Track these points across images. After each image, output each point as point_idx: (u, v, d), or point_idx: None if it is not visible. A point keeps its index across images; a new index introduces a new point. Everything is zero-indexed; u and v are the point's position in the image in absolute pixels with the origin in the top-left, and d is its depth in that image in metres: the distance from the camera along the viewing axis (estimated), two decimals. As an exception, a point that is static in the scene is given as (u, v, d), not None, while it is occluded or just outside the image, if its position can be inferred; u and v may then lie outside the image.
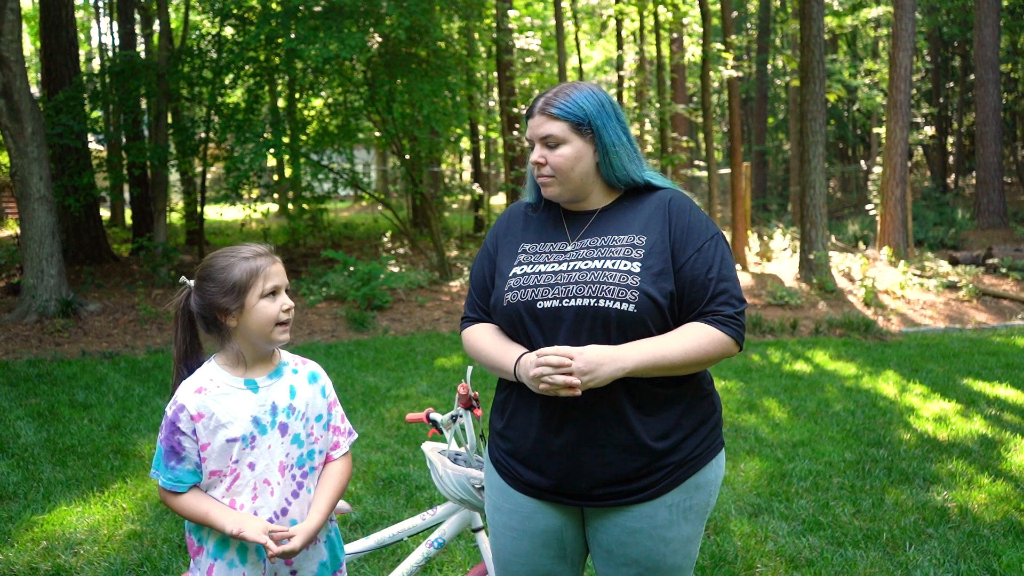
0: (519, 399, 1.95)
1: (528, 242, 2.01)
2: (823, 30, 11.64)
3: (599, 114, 1.92)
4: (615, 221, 1.96)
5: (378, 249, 14.07)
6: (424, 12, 10.80)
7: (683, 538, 1.95)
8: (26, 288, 9.07)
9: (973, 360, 7.29)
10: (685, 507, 1.93)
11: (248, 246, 1.95)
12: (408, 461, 4.78)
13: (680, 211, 1.94)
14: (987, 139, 17.50)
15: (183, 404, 1.89)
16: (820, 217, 11.60)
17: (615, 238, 1.92)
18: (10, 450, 4.97)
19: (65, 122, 10.98)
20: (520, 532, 2.00)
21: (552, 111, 1.90)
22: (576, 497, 1.93)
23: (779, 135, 31.42)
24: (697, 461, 1.93)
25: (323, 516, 1.96)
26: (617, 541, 1.94)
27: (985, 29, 17.35)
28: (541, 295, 1.89)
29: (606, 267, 1.86)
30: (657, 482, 1.90)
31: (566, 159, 1.91)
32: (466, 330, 2.08)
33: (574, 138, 1.91)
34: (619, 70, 19.49)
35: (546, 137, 1.91)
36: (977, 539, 3.69)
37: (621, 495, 1.90)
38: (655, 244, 1.89)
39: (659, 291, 1.85)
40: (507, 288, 1.95)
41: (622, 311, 1.82)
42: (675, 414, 1.91)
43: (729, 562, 3.50)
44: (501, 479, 2.03)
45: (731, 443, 5.10)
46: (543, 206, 2.07)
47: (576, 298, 1.85)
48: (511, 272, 1.97)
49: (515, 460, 1.98)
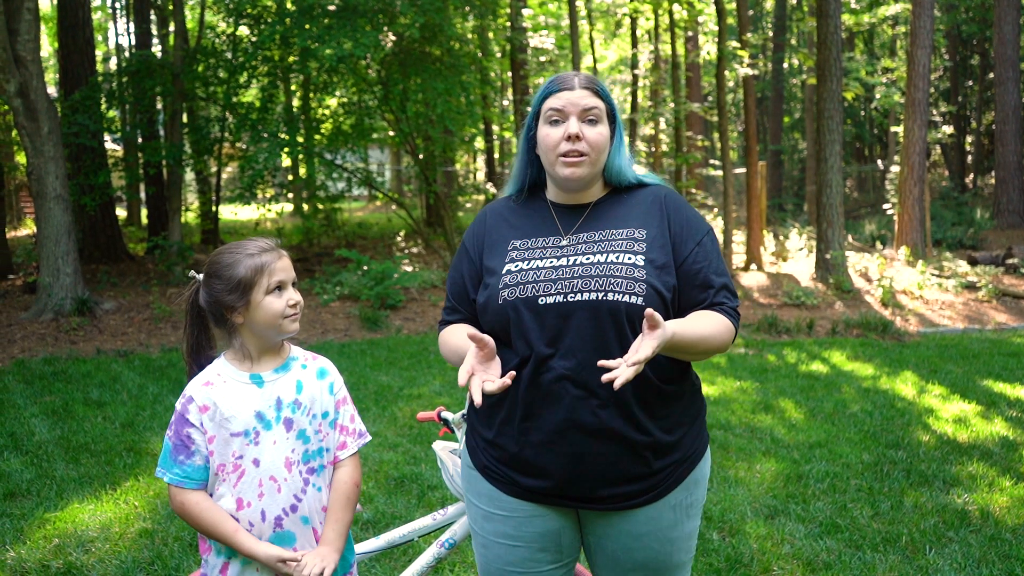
0: (512, 404, 1.86)
1: (517, 239, 1.95)
2: (840, 28, 11.54)
3: (616, 107, 1.94)
4: (610, 215, 1.94)
5: (392, 248, 14.08)
6: (438, 11, 10.79)
7: (686, 535, 1.94)
8: (42, 286, 9.12)
9: (993, 361, 7.19)
10: (687, 504, 1.92)
11: (254, 241, 1.93)
12: (420, 460, 4.75)
13: (677, 207, 1.94)
14: (1007, 138, 17.31)
15: (192, 396, 1.89)
16: (837, 216, 11.50)
17: (613, 232, 1.90)
18: (24, 447, 4.99)
19: (81, 121, 11.05)
20: (516, 539, 1.93)
21: (596, 88, 1.89)
22: (578, 499, 1.87)
23: (795, 134, 31.21)
24: (695, 456, 1.94)
25: (338, 552, 1.95)
26: (624, 547, 1.90)
27: (1005, 26, 17.15)
28: (543, 291, 1.83)
29: (610, 260, 1.83)
30: (661, 482, 1.87)
31: (604, 137, 1.89)
32: (441, 332, 2.03)
33: (606, 121, 1.90)
34: (634, 69, 19.42)
35: (590, 109, 1.87)
36: (999, 543, 3.61)
37: (626, 497, 1.85)
38: (655, 238, 1.88)
39: (663, 284, 1.83)
40: (502, 285, 1.87)
41: (631, 304, 1.79)
42: (677, 410, 1.90)
43: (745, 564, 3.45)
44: (491, 486, 1.94)
45: (747, 444, 5.04)
46: (524, 200, 2.03)
47: (583, 292, 1.80)
48: (504, 269, 1.90)
49: (510, 467, 1.90)
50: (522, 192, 2.04)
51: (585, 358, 1.78)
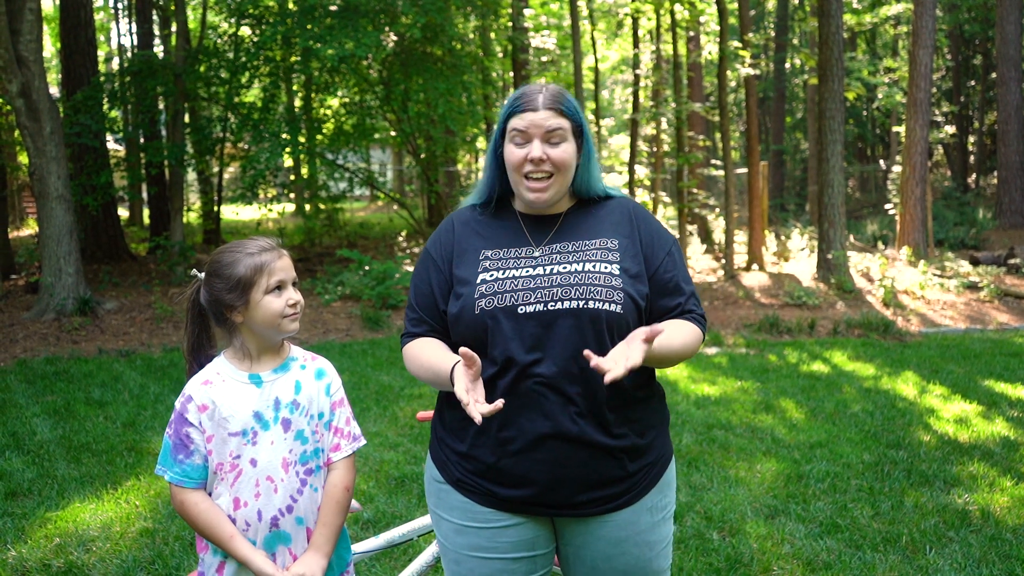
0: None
1: (488, 248, 1.93)
2: (842, 28, 11.53)
3: (583, 122, 1.94)
4: (582, 226, 1.95)
5: (393, 248, 14.09)
6: (440, 11, 10.80)
7: (664, 539, 1.95)
8: (44, 286, 9.14)
9: (995, 361, 7.18)
10: (661, 506, 1.94)
11: (254, 241, 1.94)
12: (420, 460, 4.75)
13: (644, 218, 1.99)
14: (1009, 138, 17.29)
15: (191, 395, 1.89)
16: (838, 216, 11.49)
17: (587, 242, 1.92)
18: (26, 447, 5.00)
19: (83, 122, 11.07)
20: (490, 550, 1.89)
21: (561, 108, 1.89)
22: (556, 506, 1.86)
23: (797, 134, 31.17)
24: (665, 459, 1.97)
25: (326, 558, 1.93)
26: (603, 555, 1.89)
27: (1007, 26, 17.13)
28: (522, 299, 1.82)
29: (588, 269, 1.86)
30: (637, 484, 1.89)
31: (569, 155, 1.90)
32: (407, 345, 1.97)
33: (571, 138, 1.91)
34: (635, 69, 19.41)
35: (554, 131, 1.87)
36: (999, 543, 3.61)
37: (604, 501, 1.86)
38: (627, 248, 1.92)
39: (637, 292, 1.88)
40: (478, 295, 1.85)
41: (611, 312, 1.82)
42: (646, 414, 1.93)
43: (745, 564, 3.45)
44: (464, 498, 1.90)
45: (747, 444, 5.04)
46: (492, 211, 2.02)
47: (563, 301, 1.82)
48: (478, 279, 1.87)
49: (486, 478, 1.87)
50: (490, 204, 2.02)
51: (564, 366, 1.79)
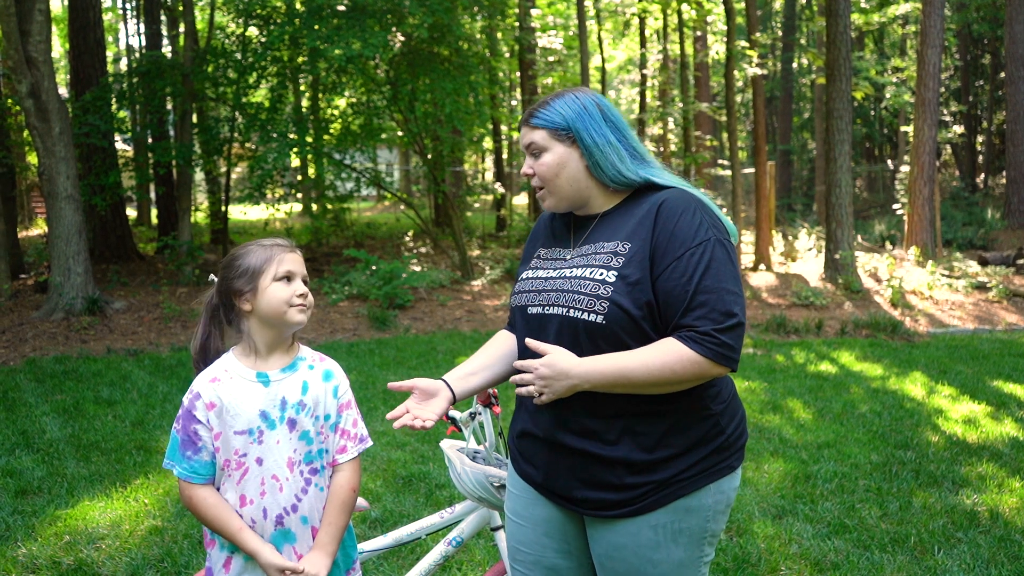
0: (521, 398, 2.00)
1: (544, 247, 2.06)
2: (850, 27, 11.49)
3: (579, 117, 1.89)
4: (609, 227, 1.92)
5: (400, 248, 14.10)
6: (447, 11, 10.81)
7: (674, 562, 1.86)
8: (53, 286, 9.18)
9: (1003, 361, 7.15)
10: (674, 530, 1.85)
11: (269, 237, 2.02)
12: (428, 459, 4.76)
13: (669, 215, 1.81)
14: (1018, 137, 17.19)
15: (199, 392, 1.91)
16: (846, 216, 11.46)
17: (603, 245, 1.88)
18: (35, 445, 5.03)
19: (92, 122, 11.11)
20: (523, 519, 2.04)
21: (532, 121, 1.94)
22: (560, 496, 1.94)
23: (804, 134, 31.09)
24: (688, 483, 1.83)
25: (330, 557, 1.95)
26: (606, 555, 1.92)
27: (1016, 26, 17.04)
28: (530, 300, 1.94)
29: (582, 276, 1.85)
30: (637, 499, 1.83)
31: (548, 166, 1.92)
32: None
33: (555, 144, 1.91)
34: (642, 69, 19.40)
35: (529, 146, 1.95)
36: (1008, 544, 3.60)
37: (599, 504, 1.87)
38: (636, 252, 1.81)
39: (633, 302, 1.77)
40: (515, 291, 2.02)
41: (589, 322, 1.80)
42: (659, 431, 1.82)
43: (752, 564, 3.45)
44: (512, 464, 2.10)
45: (755, 444, 5.03)
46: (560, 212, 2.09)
47: (554, 306, 1.88)
48: (522, 275, 2.04)
49: (516, 448, 2.06)
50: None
51: None
